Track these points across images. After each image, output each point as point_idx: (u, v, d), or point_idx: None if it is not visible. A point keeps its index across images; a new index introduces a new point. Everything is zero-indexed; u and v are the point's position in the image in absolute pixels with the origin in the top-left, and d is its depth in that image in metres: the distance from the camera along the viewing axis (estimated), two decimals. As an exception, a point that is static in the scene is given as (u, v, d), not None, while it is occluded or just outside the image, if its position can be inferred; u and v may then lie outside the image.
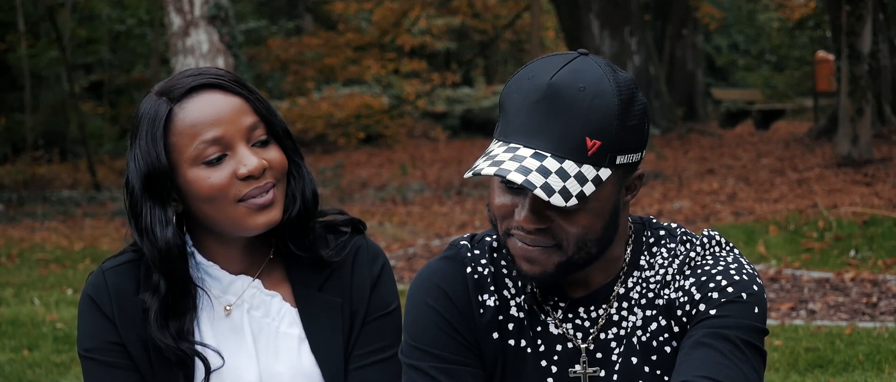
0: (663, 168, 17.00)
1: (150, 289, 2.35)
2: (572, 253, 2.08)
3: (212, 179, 2.30)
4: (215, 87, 2.32)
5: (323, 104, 22.79)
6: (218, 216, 2.33)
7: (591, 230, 2.07)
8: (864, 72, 14.97)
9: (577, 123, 2.02)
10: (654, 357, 2.15)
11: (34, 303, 8.72)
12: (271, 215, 2.32)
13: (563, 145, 2.01)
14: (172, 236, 2.32)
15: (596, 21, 20.40)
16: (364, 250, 2.46)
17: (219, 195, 2.30)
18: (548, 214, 2.06)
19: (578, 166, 2.01)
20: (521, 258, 2.10)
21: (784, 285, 8.44)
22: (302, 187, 2.39)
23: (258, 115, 2.33)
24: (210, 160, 2.30)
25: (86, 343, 2.38)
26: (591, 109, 2.02)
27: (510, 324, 2.21)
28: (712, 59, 32.87)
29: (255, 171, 2.29)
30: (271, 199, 2.32)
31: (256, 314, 2.41)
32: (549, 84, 2.03)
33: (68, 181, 20.29)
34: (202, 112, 2.30)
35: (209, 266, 2.41)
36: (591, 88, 2.03)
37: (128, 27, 25.16)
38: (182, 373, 2.34)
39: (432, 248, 11.10)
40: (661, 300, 2.16)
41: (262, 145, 2.33)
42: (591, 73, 2.04)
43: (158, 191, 2.32)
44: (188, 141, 2.29)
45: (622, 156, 2.05)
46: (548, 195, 1.98)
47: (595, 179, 2.02)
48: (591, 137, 2.02)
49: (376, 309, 2.43)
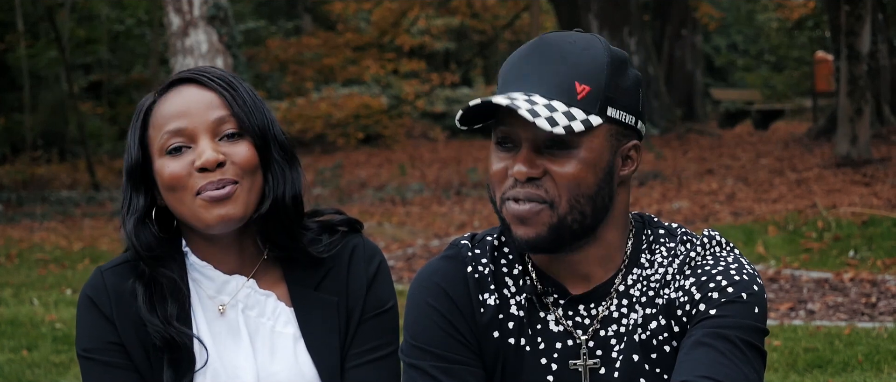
0: (662, 168, 17.00)
1: (138, 276, 2.38)
2: (564, 212, 2.09)
3: (170, 167, 2.32)
4: (193, 81, 2.36)
5: (322, 104, 22.78)
6: (180, 209, 2.34)
7: (582, 183, 2.08)
8: (863, 72, 14.97)
9: (567, 67, 2.08)
10: (653, 355, 2.16)
11: (33, 303, 8.72)
12: (227, 209, 2.31)
13: (553, 88, 2.07)
14: (135, 225, 2.36)
15: (595, 21, 20.41)
16: (360, 248, 2.45)
17: (177, 185, 2.32)
18: (539, 162, 2.08)
19: (568, 107, 2.06)
20: (514, 220, 2.11)
21: (783, 285, 8.44)
22: (280, 188, 2.37)
23: (230, 110, 2.34)
24: (171, 149, 2.33)
25: (85, 343, 2.39)
26: (581, 57, 2.09)
27: (510, 323, 2.21)
28: (711, 59, 32.87)
29: (208, 164, 2.30)
30: (226, 194, 2.31)
31: (251, 314, 2.41)
32: (540, 38, 2.12)
33: (67, 181, 20.28)
34: (173, 104, 2.34)
35: (203, 266, 2.41)
36: (580, 43, 2.11)
37: (127, 27, 25.16)
38: (167, 357, 2.34)
39: (431, 248, 11.10)
40: (660, 299, 2.17)
41: (229, 139, 2.33)
42: (583, 35, 2.14)
43: (136, 182, 2.37)
44: (157, 132, 2.34)
45: (613, 109, 2.09)
46: (532, 117, 2.01)
47: (585, 121, 2.06)
48: (581, 82, 2.07)
49: (372, 308, 2.43)
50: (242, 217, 2.33)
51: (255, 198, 2.35)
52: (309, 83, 23.98)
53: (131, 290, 2.37)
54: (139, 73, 25.53)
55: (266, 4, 28.92)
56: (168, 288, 2.37)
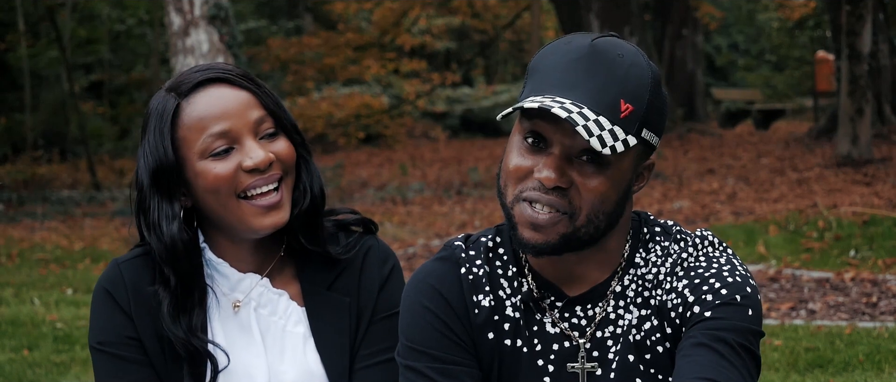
0: (663, 168, 17.00)
1: (162, 282, 2.35)
2: (581, 224, 2.07)
3: (217, 169, 2.31)
4: (223, 81, 2.34)
5: (323, 104, 22.77)
6: (223, 212, 2.33)
7: (606, 200, 2.07)
8: (864, 72, 14.97)
9: (615, 83, 2.04)
10: (648, 356, 2.15)
11: (34, 303, 8.72)
12: (279, 216, 2.33)
13: (599, 102, 2.03)
14: (178, 231, 2.33)
15: (596, 21, 20.39)
16: (375, 250, 2.46)
17: (223, 187, 2.31)
18: (568, 173, 2.05)
19: (611, 125, 2.02)
20: (525, 224, 2.08)
21: (784, 285, 8.43)
22: (310, 181, 2.39)
23: (266, 109, 2.35)
24: (217, 152, 2.31)
25: (100, 336, 2.37)
26: (628, 74, 2.05)
27: (506, 324, 2.20)
28: (712, 59, 32.85)
29: (261, 164, 2.30)
30: (278, 200, 2.32)
31: (264, 312, 2.41)
32: (591, 44, 2.06)
33: (68, 181, 20.28)
34: (209, 106, 2.32)
35: (219, 264, 2.41)
36: (628, 58, 2.06)
37: (128, 27, 25.17)
38: (188, 368, 2.34)
39: (432, 248, 11.10)
40: (654, 300, 2.16)
41: (269, 138, 2.35)
42: (628, 47, 2.09)
43: (166, 186, 2.33)
44: (196, 135, 2.31)
45: (648, 131, 2.08)
46: (588, 136, 1.98)
47: (624, 141, 2.03)
48: (626, 100, 2.04)
49: (383, 310, 2.43)
50: (287, 221, 2.35)
51: (291, 195, 2.37)
52: (310, 83, 23.97)
53: (154, 294, 2.35)
54: (140, 72, 25.54)
55: (267, 4, 28.92)
56: (198, 298, 2.36)
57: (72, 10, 22.77)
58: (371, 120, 22.85)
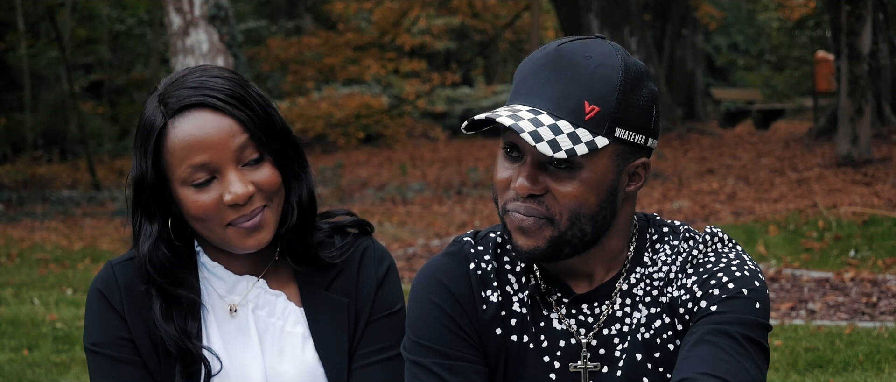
0: (663, 168, 17.01)
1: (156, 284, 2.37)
2: (565, 228, 2.08)
3: (200, 201, 2.30)
4: (207, 106, 2.30)
5: (323, 104, 22.79)
6: (208, 235, 2.35)
7: (584, 204, 2.07)
8: (864, 72, 14.97)
9: (578, 86, 2.04)
10: (657, 354, 2.15)
11: (34, 303, 8.72)
12: (260, 237, 2.33)
13: (561, 106, 2.04)
14: (149, 251, 2.33)
15: (596, 21, 20.40)
16: (371, 250, 2.47)
17: (207, 217, 2.31)
18: (542, 179, 2.07)
19: (574, 128, 2.03)
20: (515, 230, 2.11)
21: (784, 284, 8.44)
22: (299, 194, 2.38)
23: (250, 133, 2.31)
24: (198, 183, 2.30)
25: (94, 337, 2.38)
26: (594, 75, 2.05)
27: (513, 320, 2.21)
28: (712, 58, 32.86)
29: (240, 199, 2.29)
30: (259, 223, 2.32)
31: (261, 314, 2.42)
32: (556, 49, 2.08)
33: (68, 181, 20.28)
34: (190, 136, 2.28)
35: (214, 267, 2.42)
36: (596, 58, 2.06)
37: (127, 27, 25.18)
38: (181, 368, 2.34)
39: (432, 248, 11.10)
40: (664, 297, 2.16)
41: (253, 165, 2.32)
42: (601, 47, 2.08)
43: (147, 203, 2.34)
44: (177, 162, 2.29)
45: (622, 130, 2.06)
46: (535, 141, 1.99)
47: (589, 143, 2.03)
48: (590, 102, 2.04)
49: (381, 309, 2.44)
50: (270, 240, 2.35)
51: (280, 213, 2.36)
52: (310, 83, 23.99)
53: (147, 293, 2.36)
54: (140, 72, 25.54)
55: (267, 4, 28.93)
56: (186, 304, 2.36)
57: (72, 10, 22.78)
58: (371, 120, 22.86)
